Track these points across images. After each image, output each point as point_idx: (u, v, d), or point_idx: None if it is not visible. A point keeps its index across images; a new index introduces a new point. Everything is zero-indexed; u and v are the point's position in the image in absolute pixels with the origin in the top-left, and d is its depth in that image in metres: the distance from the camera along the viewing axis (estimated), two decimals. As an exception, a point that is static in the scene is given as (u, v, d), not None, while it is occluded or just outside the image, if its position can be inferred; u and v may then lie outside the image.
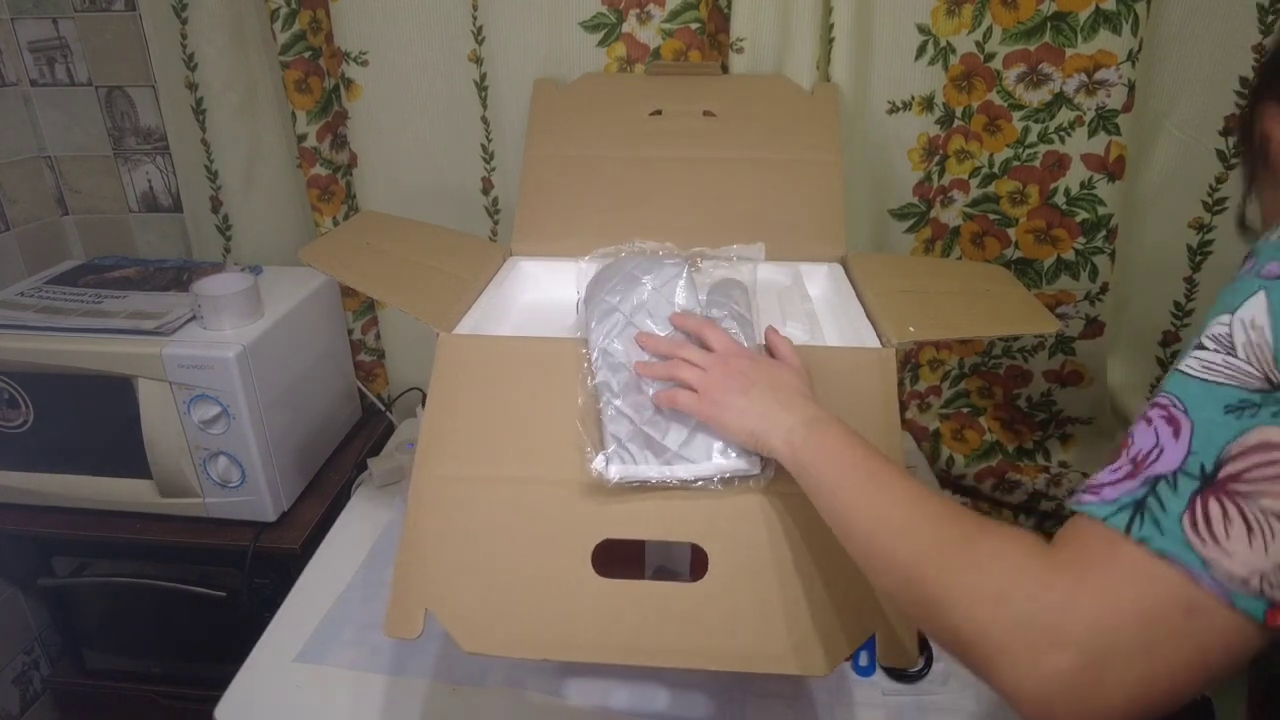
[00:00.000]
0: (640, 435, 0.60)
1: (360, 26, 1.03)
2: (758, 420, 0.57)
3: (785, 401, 0.58)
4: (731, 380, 0.59)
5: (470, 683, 0.78)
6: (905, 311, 0.71)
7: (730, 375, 0.60)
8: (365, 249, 0.80)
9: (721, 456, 0.59)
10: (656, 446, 0.60)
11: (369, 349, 1.27)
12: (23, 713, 1.22)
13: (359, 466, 1.13)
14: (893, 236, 1.09)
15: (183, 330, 0.96)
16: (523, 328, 0.79)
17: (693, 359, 0.62)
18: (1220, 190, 0.99)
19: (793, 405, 0.57)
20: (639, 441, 0.60)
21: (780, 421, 0.56)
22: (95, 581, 1.09)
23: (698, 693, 0.77)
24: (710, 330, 0.64)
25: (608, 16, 1.01)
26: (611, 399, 0.62)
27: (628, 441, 0.60)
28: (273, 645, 0.83)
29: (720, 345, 0.63)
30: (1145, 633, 0.34)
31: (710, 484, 0.59)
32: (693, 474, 0.59)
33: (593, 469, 0.59)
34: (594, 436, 0.62)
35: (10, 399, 0.97)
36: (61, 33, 1.15)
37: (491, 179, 1.13)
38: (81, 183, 1.25)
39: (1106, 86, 0.94)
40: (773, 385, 0.59)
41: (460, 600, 0.58)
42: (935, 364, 1.18)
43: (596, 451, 0.60)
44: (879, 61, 0.99)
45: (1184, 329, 1.08)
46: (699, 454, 0.60)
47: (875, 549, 0.48)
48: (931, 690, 0.78)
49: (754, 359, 0.62)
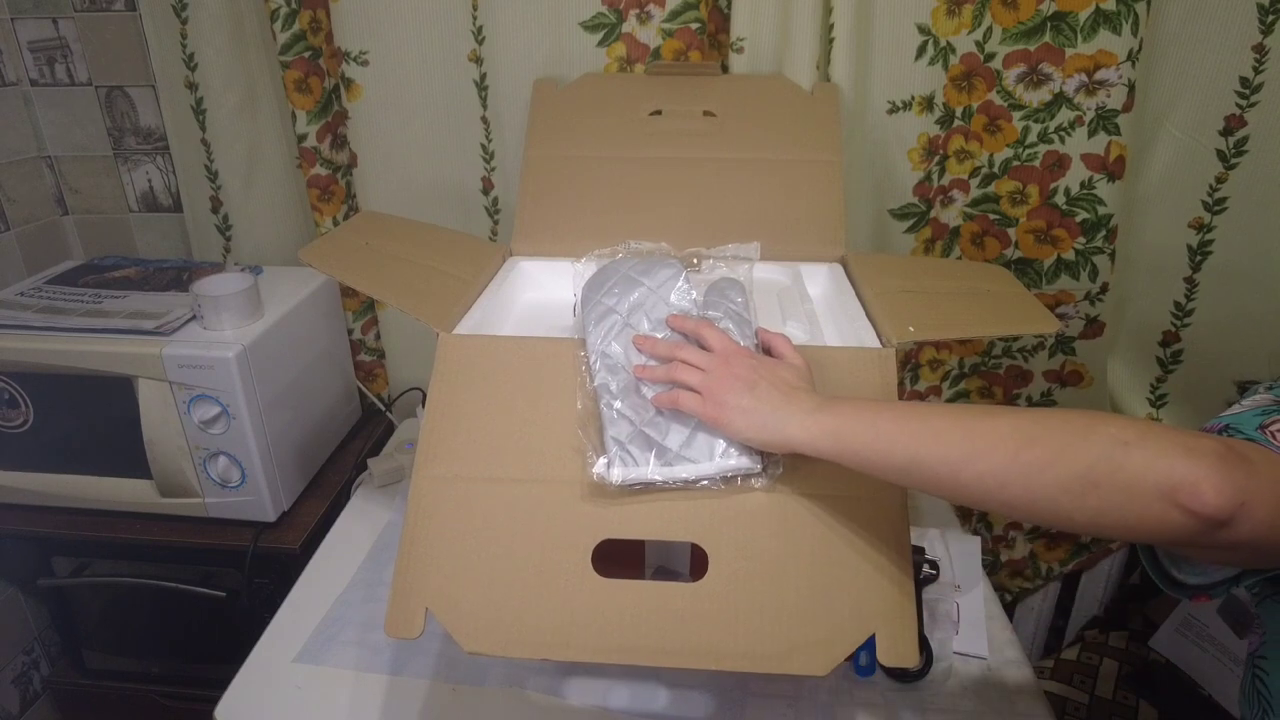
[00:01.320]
0: (641, 437, 0.60)
1: (360, 26, 1.03)
2: (767, 416, 0.57)
3: (790, 395, 0.58)
4: (734, 381, 0.59)
5: (470, 683, 0.78)
6: (905, 311, 0.71)
7: (732, 376, 0.60)
8: (365, 249, 0.80)
9: (723, 456, 0.59)
10: (658, 448, 0.60)
11: (369, 349, 1.27)
12: (23, 713, 1.22)
13: (359, 466, 1.13)
14: (893, 236, 1.09)
15: (183, 330, 0.96)
16: (523, 328, 0.79)
17: (692, 360, 0.62)
18: (1220, 190, 0.99)
19: (798, 398, 0.58)
20: (640, 443, 0.60)
21: (792, 413, 0.57)
22: (95, 581, 1.09)
23: (698, 693, 0.77)
24: (708, 330, 0.64)
25: (608, 16, 1.01)
26: (611, 401, 0.62)
27: (629, 444, 0.60)
28: (273, 645, 0.83)
29: (719, 345, 0.63)
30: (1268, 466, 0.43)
31: (712, 483, 0.59)
32: (695, 474, 0.59)
33: (594, 473, 0.59)
34: (594, 440, 0.62)
35: (10, 399, 0.97)
36: (61, 32, 1.15)
37: (491, 179, 1.13)
38: (81, 183, 1.25)
39: (1106, 86, 0.94)
40: (775, 382, 0.59)
41: (460, 600, 0.58)
42: (935, 364, 1.18)
43: (598, 455, 0.60)
44: (879, 61, 0.99)
45: (1184, 329, 1.08)
46: (700, 454, 0.60)
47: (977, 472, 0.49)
48: (931, 690, 0.78)
49: (754, 358, 0.62)
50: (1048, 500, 0.46)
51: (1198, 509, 0.41)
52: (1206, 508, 0.41)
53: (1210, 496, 0.41)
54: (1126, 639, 1.16)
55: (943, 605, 0.84)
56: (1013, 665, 0.81)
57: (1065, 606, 1.30)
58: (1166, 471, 0.42)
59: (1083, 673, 1.11)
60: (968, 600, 0.88)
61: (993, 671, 0.80)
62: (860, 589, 0.57)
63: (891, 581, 0.58)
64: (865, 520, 0.59)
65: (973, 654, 0.82)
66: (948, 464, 0.50)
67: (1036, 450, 0.47)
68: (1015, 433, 0.48)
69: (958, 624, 0.84)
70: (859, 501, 0.60)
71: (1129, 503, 0.43)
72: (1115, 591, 1.28)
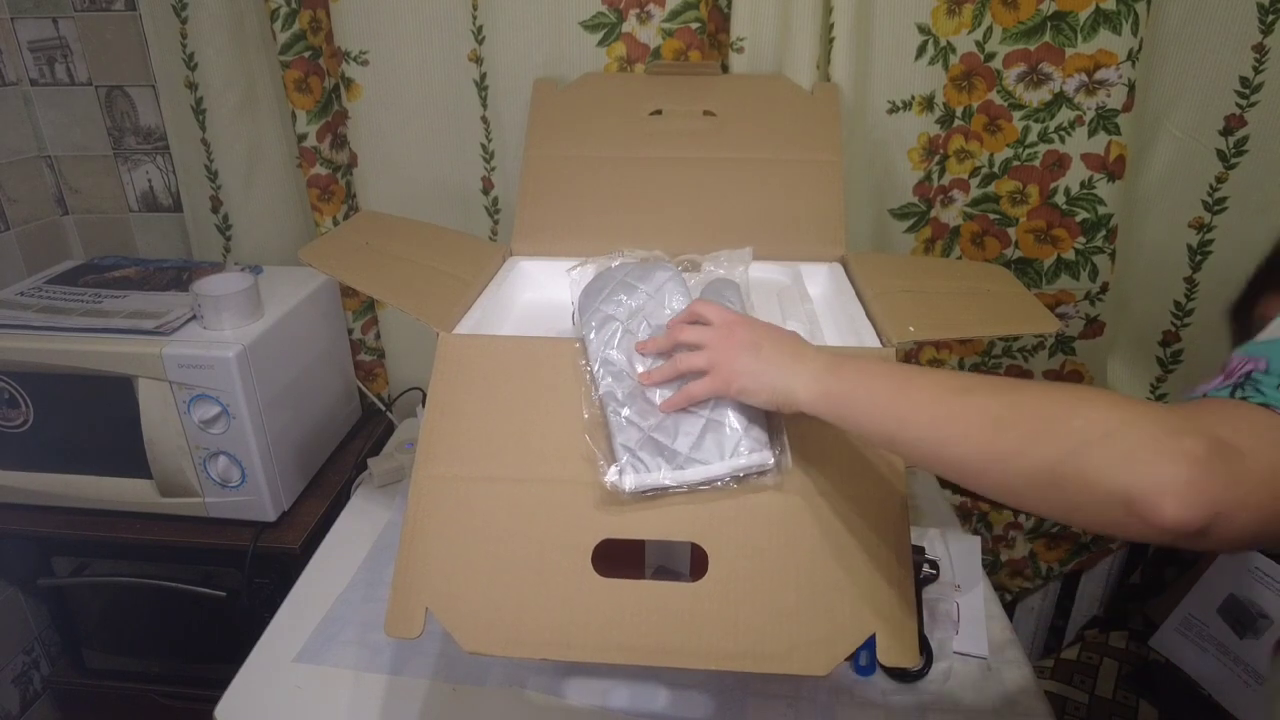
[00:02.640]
0: (650, 443, 0.60)
1: (360, 26, 1.03)
2: (774, 378, 0.57)
3: (796, 354, 0.58)
4: (739, 348, 0.59)
5: (470, 683, 0.78)
6: (905, 311, 0.71)
7: (736, 343, 0.60)
8: (365, 249, 0.80)
9: (733, 455, 0.59)
10: (668, 452, 0.60)
11: (369, 349, 1.27)
12: (23, 712, 1.22)
13: (359, 466, 1.13)
14: (893, 236, 1.09)
15: (183, 330, 0.96)
16: (523, 328, 0.79)
17: (694, 339, 0.62)
18: (1220, 190, 0.99)
19: (805, 358, 0.58)
20: (649, 449, 0.60)
21: (798, 372, 0.56)
22: (95, 581, 1.09)
23: (698, 693, 0.77)
24: (702, 306, 0.64)
25: (608, 16, 1.01)
26: (618, 409, 0.62)
27: (639, 450, 0.60)
28: (273, 645, 0.83)
29: (718, 317, 0.63)
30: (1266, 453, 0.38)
31: (725, 484, 0.59)
32: (706, 476, 0.59)
33: (607, 481, 0.59)
34: (604, 448, 0.62)
35: (10, 399, 0.97)
36: (61, 32, 1.15)
37: (491, 179, 1.13)
38: (81, 182, 1.25)
39: (1106, 86, 0.94)
40: (779, 344, 0.59)
41: (460, 600, 0.58)
42: (935, 364, 1.18)
43: (608, 463, 0.60)
44: (879, 61, 0.99)
45: (1184, 329, 1.08)
46: (711, 455, 0.60)
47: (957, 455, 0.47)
48: (931, 690, 0.78)
49: (754, 323, 0.62)
50: (1017, 492, 0.45)
51: (1156, 523, 0.38)
52: (1166, 521, 0.37)
53: (1171, 511, 0.37)
54: (1126, 639, 1.16)
55: (943, 605, 0.84)
56: (1013, 665, 0.81)
57: (1065, 606, 1.30)
58: (1127, 480, 0.39)
59: (1083, 673, 1.11)
60: (968, 600, 0.88)
61: (993, 671, 0.80)
62: (861, 588, 0.57)
63: (892, 581, 0.58)
64: (866, 519, 0.59)
65: (973, 654, 0.82)
66: (929, 445, 0.49)
67: (1009, 437, 0.45)
68: (988, 416, 0.46)
69: (958, 624, 0.84)
70: (859, 501, 0.60)
71: (1090, 504, 0.41)
72: (1115, 591, 1.28)
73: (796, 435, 0.62)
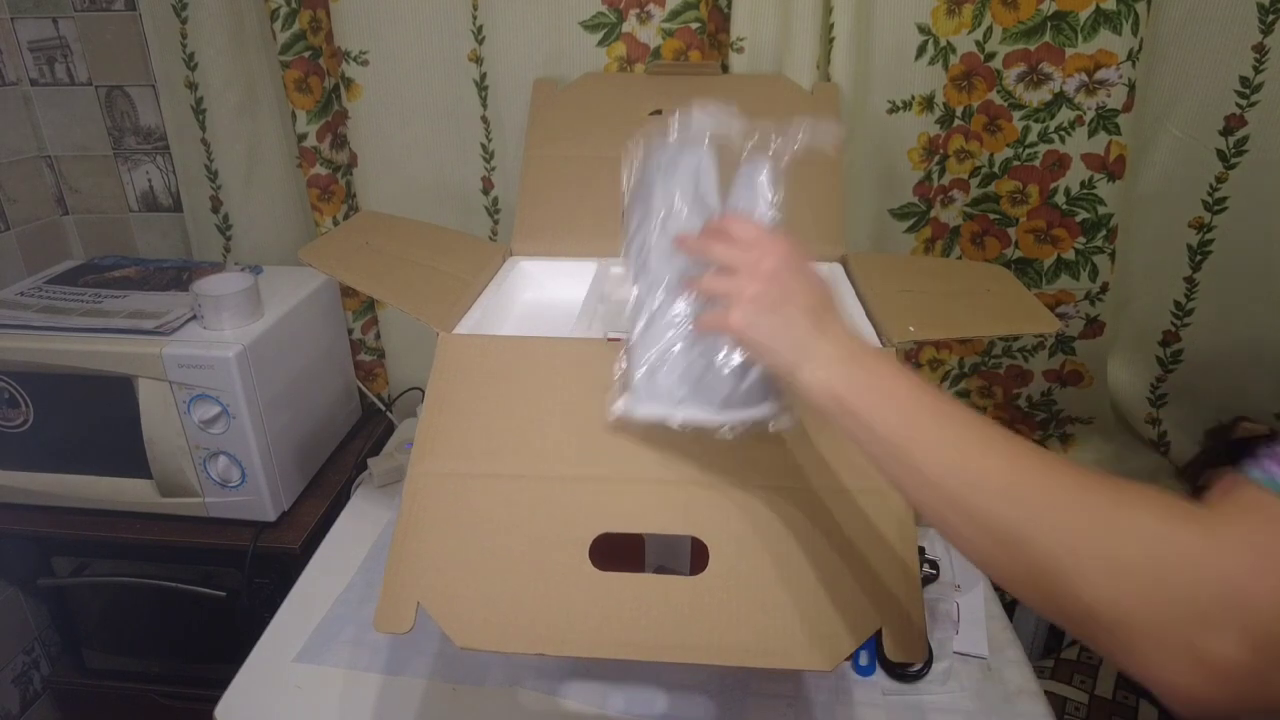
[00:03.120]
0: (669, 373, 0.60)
1: (360, 26, 1.03)
2: (786, 351, 0.52)
3: (818, 322, 0.52)
4: (764, 294, 0.53)
5: (470, 683, 0.78)
6: (905, 311, 0.71)
7: (762, 284, 0.53)
8: (365, 249, 0.80)
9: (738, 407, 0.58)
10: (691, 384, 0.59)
11: (369, 349, 1.27)
12: (23, 712, 1.22)
13: (359, 466, 1.13)
14: (893, 236, 1.08)
15: (183, 330, 0.96)
16: (522, 327, 0.79)
17: (723, 258, 0.56)
18: (1220, 190, 0.99)
19: (825, 327, 0.52)
20: (664, 381, 0.60)
21: (813, 352, 0.51)
22: (95, 581, 1.09)
23: (697, 692, 0.77)
24: (733, 223, 0.57)
25: (608, 16, 1.01)
26: (642, 333, 0.61)
27: (654, 374, 0.60)
28: (272, 645, 0.83)
29: (748, 235, 0.56)
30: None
31: (722, 431, 0.58)
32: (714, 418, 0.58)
33: (616, 407, 0.61)
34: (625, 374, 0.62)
35: (10, 399, 0.97)
36: (61, 32, 1.15)
37: (491, 179, 1.13)
38: (81, 182, 1.25)
39: (1107, 86, 0.94)
40: (805, 300, 0.53)
41: (453, 595, 0.57)
42: (935, 364, 1.18)
43: (623, 390, 0.61)
44: (879, 61, 0.99)
45: (1184, 329, 1.08)
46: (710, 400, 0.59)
47: (966, 507, 0.42)
48: (931, 690, 0.78)
49: (783, 265, 0.54)
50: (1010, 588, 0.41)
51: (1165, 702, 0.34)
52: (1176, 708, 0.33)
53: (1185, 710, 0.33)
54: (1127, 639, 1.16)
55: (943, 605, 0.84)
56: (1013, 665, 0.81)
57: (1065, 606, 1.30)
58: (1142, 664, 0.34)
59: (1083, 672, 1.11)
60: (968, 600, 0.88)
61: (993, 671, 0.80)
62: (866, 583, 0.56)
63: (897, 575, 0.57)
64: (871, 514, 0.59)
65: (973, 654, 0.82)
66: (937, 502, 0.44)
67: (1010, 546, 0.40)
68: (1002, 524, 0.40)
69: (958, 624, 0.84)
70: (864, 495, 0.59)
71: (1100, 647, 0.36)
72: (1115, 591, 1.27)
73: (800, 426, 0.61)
